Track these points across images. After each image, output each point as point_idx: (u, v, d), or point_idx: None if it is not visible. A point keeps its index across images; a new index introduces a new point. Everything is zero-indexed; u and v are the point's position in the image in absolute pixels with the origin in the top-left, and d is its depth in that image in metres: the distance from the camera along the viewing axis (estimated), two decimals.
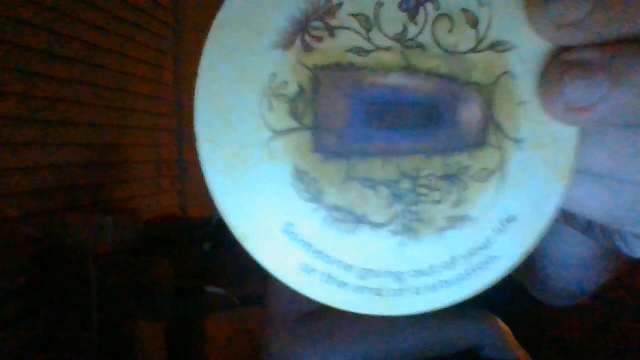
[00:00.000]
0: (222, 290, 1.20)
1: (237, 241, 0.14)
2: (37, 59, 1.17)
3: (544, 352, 0.56)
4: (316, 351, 0.50)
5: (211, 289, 1.22)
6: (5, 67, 1.07)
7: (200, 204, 1.75)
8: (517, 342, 0.53)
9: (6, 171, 1.08)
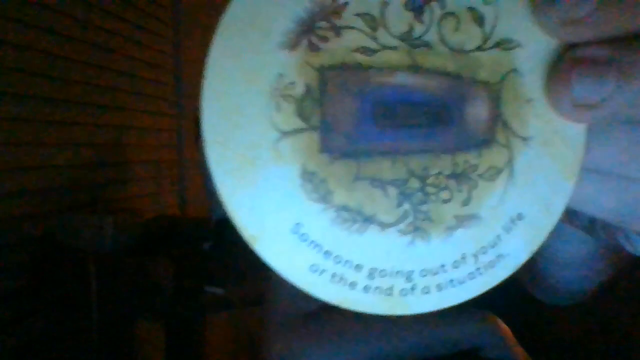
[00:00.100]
0: (222, 290, 1.20)
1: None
2: (37, 59, 1.16)
3: (544, 352, 0.56)
4: (316, 351, 0.50)
5: (211, 289, 1.22)
6: (5, 67, 1.07)
7: (200, 204, 1.74)
8: (517, 342, 0.53)
9: (6, 171, 1.08)
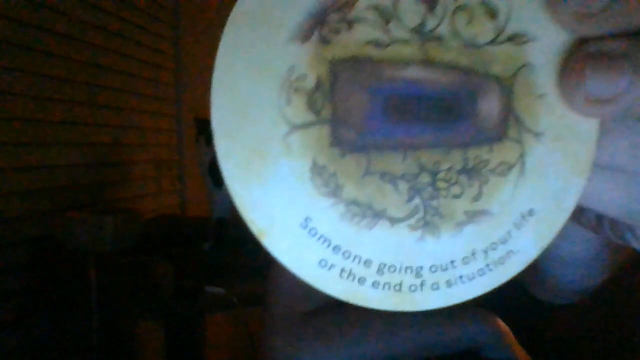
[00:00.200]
0: (222, 290, 1.19)
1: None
2: (38, 59, 1.16)
3: (544, 352, 0.56)
4: (316, 351, 0.50)
5: (211, 289, 1.21)
6: (5, 67, 1.07)
7: (200, 204, 1.74)
8: (517, 342, 0.53)
9: (6, 171, 1.08)
